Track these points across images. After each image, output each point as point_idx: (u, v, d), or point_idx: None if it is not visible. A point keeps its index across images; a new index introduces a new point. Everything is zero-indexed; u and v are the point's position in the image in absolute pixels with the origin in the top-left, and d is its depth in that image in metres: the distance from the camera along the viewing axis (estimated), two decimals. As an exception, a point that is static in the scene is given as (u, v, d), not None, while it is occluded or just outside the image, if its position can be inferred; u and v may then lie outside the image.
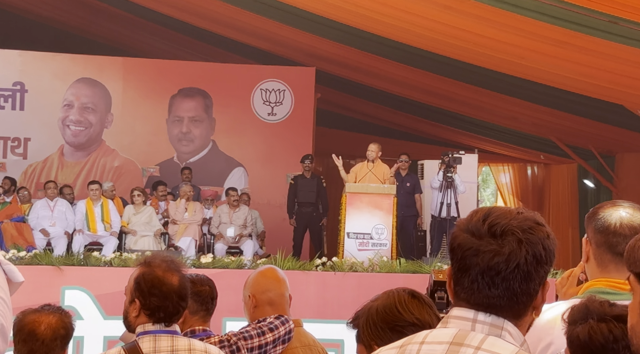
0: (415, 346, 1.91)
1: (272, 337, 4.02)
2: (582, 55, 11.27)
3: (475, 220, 1.91)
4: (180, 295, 3.48)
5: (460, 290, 1.91)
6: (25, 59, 16.87)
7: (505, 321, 1.88)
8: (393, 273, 11.74)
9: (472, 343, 1.84)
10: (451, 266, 1.95)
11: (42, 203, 13.81)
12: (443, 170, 13.40)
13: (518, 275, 1.86)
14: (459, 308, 1.92)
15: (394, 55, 14.01)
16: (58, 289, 10.86)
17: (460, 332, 1.88)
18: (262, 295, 4.19)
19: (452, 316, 1.92)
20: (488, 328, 1.87)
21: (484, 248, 1.87)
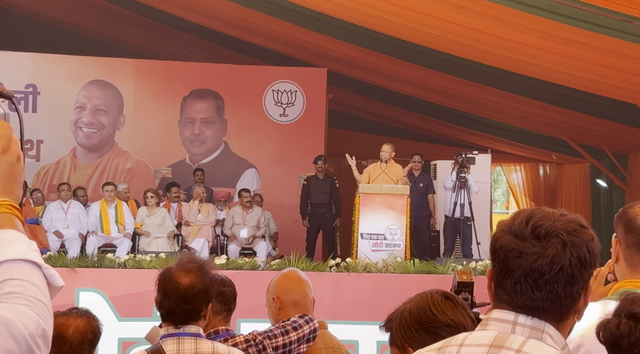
0: (454, 348, 1.90)
1: (296, 336, 4.02)
2: (595, 54, 11.24)
3: (518, 221, 1.89)
4: (182, 296, 3.48)
5: (502, 292, 1.89)
6: (37, 61, 16.91)
7: (546, 324, 1.86)
8: (407, 273, 11.72)
9: (512, 346, 1.83)
10: (492, 268, 1.93)
11: (56, 205, 13.84)
12: (456, 170, 13.38)
13: (562, 277, 1.84)
14: (499, 310, 1.90)
15: (405, 56, 14.00)
16: (72, 291, 10.87)
17: (500, 334, 1.86)
18: (286, 296, 4.20)
19: (492, 318, 1.90)
20: (529, 331, 1.85)
21: (528, 250, 1.85)
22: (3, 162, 1.62)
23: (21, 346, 1.47)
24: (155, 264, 11.42)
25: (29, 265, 1.57)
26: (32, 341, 1.48)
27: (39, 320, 1.51)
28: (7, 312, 1.47)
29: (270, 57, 17.09)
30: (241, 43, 16.52)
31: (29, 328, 1.48)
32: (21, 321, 1.48)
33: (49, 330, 1.52)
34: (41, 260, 1.60)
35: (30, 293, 1.53)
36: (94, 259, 11.99)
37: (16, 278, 1.54)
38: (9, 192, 1.63)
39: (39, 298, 1.54)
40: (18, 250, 1.57)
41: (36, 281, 1.56)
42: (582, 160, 18.68)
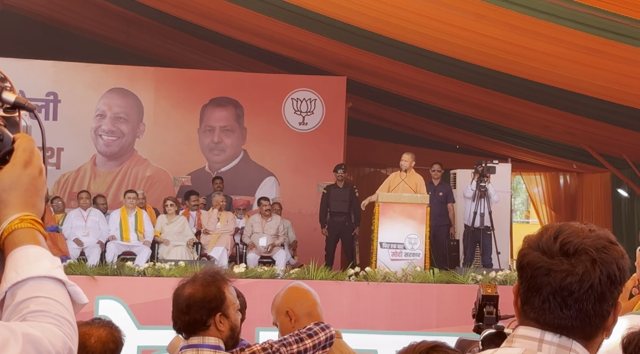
0: None
1: (311, 343, 4.00)
2: (617, 63, 11.18)
3: (546, 237, 1.85)
4: (181, 307, 3.51)
5: (530, 310, 1.86)
6: (58, 69, 16.99)
7: (573, 342, 1.83)
8: (426, 283, 11.68)
9: None
10: (519, 284, 1.89)
11: (76, 213, 13.89)
12: (476, 180, 13.33)
13: (592, 295, 1.80)
14: (526, 327, 1.87)
15: (426, 64, 13.97)
16: (92, 299, 10.89)
17: (527, 352, 1.83)
18: (299, 308, 4.21)
19: (518, 335, 1.87)
20: (556, 349, 1.82)
21: (556, 267, 1.81)
22: (25, 175, 1.61)
23: None
24: (175, 272, 11.42)
25: (54, 282, 1.57)
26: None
27: (66, 339, 1.50)
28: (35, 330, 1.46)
29: (290, 66, 17.10)
30: (261, 51, 16.53)
31: (56, 347, 1.47)
32: (49, 340, 1.47)
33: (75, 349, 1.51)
34: (65, 277, 1.59)
35: (56, 312, 1.52)
36: (114, 267, 12.01)
37: (42, 296, 1.53)
38: (31, 206, 1.62)
39: (65, 317, 1.53)
40: (43, 266, 1.56)
41: (61, 299, 1.55)
42: (603, 170, 18.57)
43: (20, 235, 1.58)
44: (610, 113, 14.07)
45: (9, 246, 1.58)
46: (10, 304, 1.52)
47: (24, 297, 1.52)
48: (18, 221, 1.59)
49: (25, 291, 1.53)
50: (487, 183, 13.28)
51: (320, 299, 4.39)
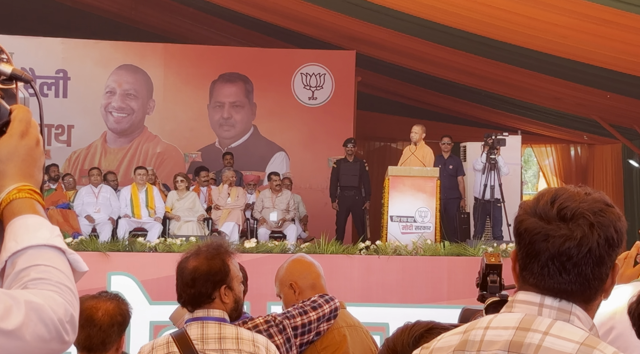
0: (480, 331, 1.87)
1: (315, 315, 4.02)
2: (628, 33, 11.12)
3: (542, 203, 1.85)
4: (186, 280, 3.52)
5: (529, 276, 1.86)
6: (67, 46, 17.00)
7: (573, 306, 1.83)
8: (437, 256, 11.68)
9: (539, 328, 1.80)
10: (517, 250, 1.90)
11: (87, 189, 13.93)
12: (486, 152, 13.29)
13: (590, 259, 1.80)
14: (525, 292, 1.87)
15: (434, 37, 13.92)
16: (104, 275, 10.94)
17: (527, 317, 1.83)
18: (303, 280, 4.24)
19: (518, 300, 1.88)
20: (556, 313, 1.83)
21: (554, 232, 1.81)
22: (22, 146, 1.62)
23: (51, 332, 1.47)
24: (186, 248, 11.41)
25: (54, 250, 1.58)
26: (61, 326, 1.49)
27: (67, 306, 1.51)
28: (37, 298, 1.48)
29: (299, 40, 17.06)
30: (270, 26, 16.49)
31: (58, 314, 1.49)
32: (50, 307, 1.48)
33: (76, 316, 1.53)
34: (65, 245, 1.60)
35: (56, 279, 1.53)
36: (125, 243, 12.06)
37: (42, 264, 1.54)
38: (29, 177, 1.63)
39: (65, 284, 1.54)
40: (42, 235, 1.57)
41: (61, 266, 1.57)
42: (614, 141, 18.51)
43: (18, 205, 1.59)
44: (621, 83, 14.01)
45: (8, 216, 1.59)
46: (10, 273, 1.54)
47: (24, 265, 1.54)
48: (16, 191, 1.60)
49: (25, 259, 1.54)
50: (497, 155, 13.24)
51: (330, 273, 4.41)
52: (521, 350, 1.80)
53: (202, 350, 3.44)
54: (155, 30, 18.50)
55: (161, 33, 18.41)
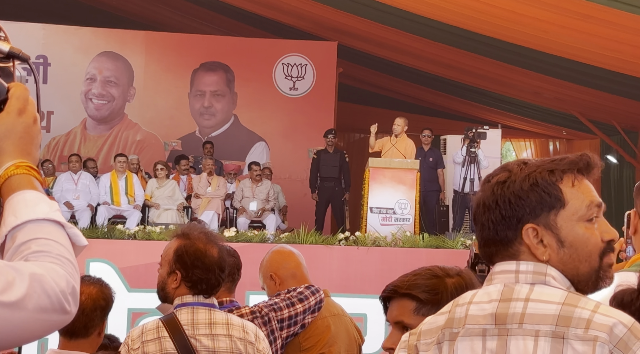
0: (463, 307, 1.90)
1: (302, 307, 4.05)
2: (608, 29, 11.18)
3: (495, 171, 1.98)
4: (220, 266, 3.50)
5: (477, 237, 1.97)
6: (48, 32, 16.91)
7: (547, 267, 1.86)
8: (416, 248, 11.73)
9: (520, 296, 1.84)
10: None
11: (66, 176, 13.88)
12: (467, 145, 13.34)
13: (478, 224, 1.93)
14: (501, 263, 1.91)
15: (416, 30, 13.95)
16: (83, 261, 10.91)
17: (507, 287, 1.87)
18: (283, 271, 4.28)
19: (495, 272, 1.91)
20: (531, 277, 1.86)
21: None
22: (19, 123, 1.63)
23: (53, 303, 1.49)
24: (165, 236, 11.45)
25: (53, 224, 1.59)
26: (63, 297, 1.50)
27: (68, 277, 1.52)
28: (39, 269, 1.49)
29: (281, 31, 17.05)
30: (252, 16, 16.47)
31: (60, 285, 1.50)
32: (52, 278, 1.50)
33: (77, 288, 1.54)
34: (64, 220, 1.61)
35: (57, 252, 1.55)
36: (104, 230, 12.04)
37: (42, 238, 1.55)
38: (26, 154, 1.64)
39: (66, 256, 1.56)
40: (41, 209, 1.59)
41: (61, 240, 1.58)
42: (593, 136, 18.62)
43: (16, 181, 1.61)
44: (600, 79, 14.09)
45: (6, 192, 1.60)
46: (10, 247, 1.55)
47: (24, 239, 1.55)
48: (14, 167, 1.61)
49: (25, 233, 1.56)
50: (477, 148, 13.29)
51: (309, 264, 4.43)
52: (506, 321, 1.83)
53: (193, 335, 3.44)
54: (136, 17, 18.42)
55: (143, 21, 18.33)
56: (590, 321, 1.77)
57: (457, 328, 1.89)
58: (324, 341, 4.20)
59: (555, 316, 1.79)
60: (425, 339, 1.94)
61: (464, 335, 1.87)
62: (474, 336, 1.86)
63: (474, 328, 1.86)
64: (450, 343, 1.89)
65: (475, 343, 1.86)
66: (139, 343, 3.46)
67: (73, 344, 3.53)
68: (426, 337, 1.94)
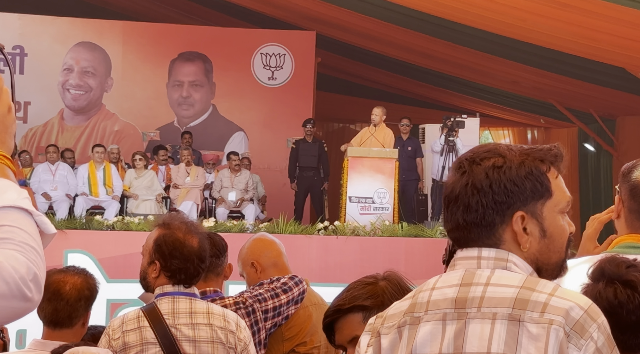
0: (426, 293, 1.92)
1: (286, 299, 4.06)
2: (583, 17, 11.22)
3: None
4: (200, 257, 3.50)
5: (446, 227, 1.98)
6: (24, 22, 16.80)
7: (510, 254, 1.88)
8: (395, 237, 11.77)
9: (480, 281, 1.86)
10: None
11: (44, 167, 13.81)
12: (445, 134, 13.37)
13: (461, 205, 1.91)
14: (462, 249, 1.93)
15: (394, 19, 13.95)
16: (61, 252, 10.89)
17: (468, 272, 1.89)
18: (265, 259, 4.26)
19: (458, 258, 1.93)
20: (493, 262, 1.88)
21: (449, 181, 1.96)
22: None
23: (12, 289, 1.48)
24: (144, 226, 11.43)
25: (20, 211, 1.58)
26: (22, 284, 1.49)
27: (30, 264, 1.51)
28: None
29: (259, 20, 17.01)
30: (230, 5, 16.42)
31: (19, 272, 1.49)
32: (11, 265, 1.49)
33: (41, 275, 1.53)
34: (32, 207, 1.60)
35: (20, 239, 1.54)
36: (82, 221, 12.00)
37: (6, 225, 1.55)
38: (0, 143, 1.63)
39: (30, 244, 1.55)
40: (9, 197, 1.58)
41: (27, 227, 1.57)
42: (570, 125, 18.71)
43: None
44: (578, 68, 14.15)
45: None
46: None
47: None
48: None
49: None
50: (456, 137, 13.32)
51: (288, 253, 4.43)
52: (466, 305, 1.85)
53: (173, 325, 3.44)
54: (114, 7, 18.33)
55: (120, 10, 18.24)
56: (547, 304, 1.78)
57: (418, 312, 1.91)
58: (306, 330, 4.21)
59: (513, 299, 1.81)
60: (388, 323, 1.96)
61: (426, 321, 1.88)
62: (434, 320, 1.88)
63: (435, 313, 1.88)
64: (412, 327, 1.90)
65: (435, 327, 1.87)
66: (119, 333, 3.46)
67: (57, 334, 3.53)
68: (389, 321, 1.96)
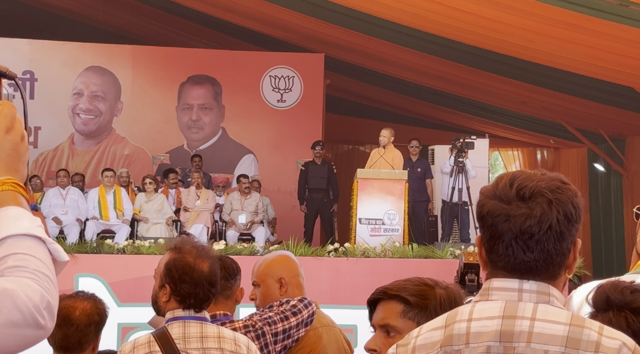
0: (463, 324, 1.88)
1: (295, 321, 4.03)
2: (592, 38, 11.23)
3: (501, 185, 1.90)
4: (210, 281, 3.49)
5: (496, 258, 1.89)
6: (34, 47, 16.89)
7: (550, 287, 1.87)
8: (405, 258, 11.74)
9: (525, 314, 1.83)
10: (482, 235, 1.93)
11: (54, 191, 13.84)
12: (454, 155, 13.37)
13: (551, 236, 1.85)
14: (499, 278, 1.90)
15: (402, 41, 13.98)
16: (72, 277, 10.89)
17: (509, 304, 1.86)
18: (293, 279, 4.21)
19: (495, 287, 1.90)
20: (536, 296, 1.86)
21: (515, 212, 1.86)
22: (7, 140, 1.64)
23: (26, 318, 1.48)
24: (154, 250, 11.43)
25: (33, 239, 1.59)
26: (36, 312, 1.49)
27: (43, 292, 1.52)
28: (10, 284, 1.49)
29: (267, 43, 17.06)
30: (238, 29, 16.48)
31: (33, 300, 1.49)
32: (25, 293, 1.49)
33: (54, 303, 1.53)
34: (45, 235, 1.61)
35: (33, 267, 1.54)
36: (93, 245, 12.01)
37: (20, 253, 1.55)
38: (14, 171, 1.65)
39: (43, 272, 1.55)
40: (22, 225, 1.59)
41: (40, 255, 1.58)
42: (580, 145, 18.67)
43: (1, 197, 1.61)
44: (587, 88, 14.14)
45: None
46: None
47: (2, 254, 1.55)
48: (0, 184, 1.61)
49: (4, 249, 1.55)
50: (465, 158, 13.32)
51: (300, 273, 4.40)
52: (512, 339, 1.82)
53: (184, 349, 3.43)
54: (123, 32, 18.41)
55: (129, 35, 18.33)
56: (599, 344, 1.78)
57: (458, 345, 1.87)
58: (316, 352, 4.18)
59: (564, 337, 1.80)
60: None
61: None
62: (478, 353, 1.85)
63: (477, 346, 1.85)
64: None
65: None
66: None
67: (67, 359, 3.53)
68: (420, 352, 1.92)
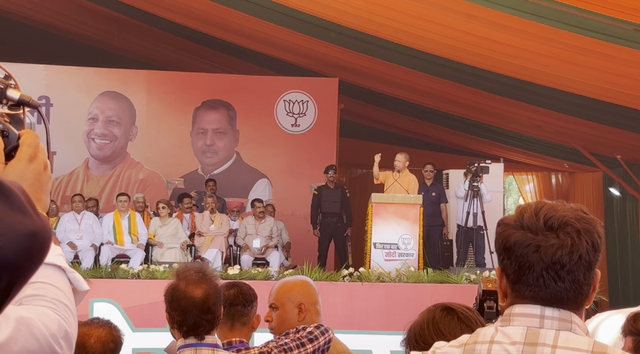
0: (485, 345, 1.88)
1: (312, 348, 4.00)
2: (606, 62, 11.24)
3: (527, 216, 1.89)
4: (201, 307, 3.47)
5: (525, 288, 1.88)
6: (50, 73, 16.99)
7: (572, 315, 1.87)
8: (420, 283, 11.71)
9: (547, 341, 1.84)
10: (505, 265, 1.92)
11: (69, 216, 13.87)
12: (469, 179, 13.35)
13: (581, 265, 1.86)
14: (522, 305, 1.89)
15: (417, 65, 14.01)
16: (87, 302, 10.89)
17: (531, 330, 1.86)
18: (312, 306, 4.18)
19: (516, 313, 1.90)
20: (558, 323, 1.86)
21: (545, 242, 1.85)
22: (30, 170, 1.64)
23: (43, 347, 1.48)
24: (169, 274, 11.42)
25: (53, 268, 1.59)
26: (54, 341, 1.49)
27: (61, 321, 1.52)
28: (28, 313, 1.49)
29: (282, 67, 17.13)
30: (252, 53, 16.56)
31: (50, 329, 1.49)
32: (42, 322, 1.49)
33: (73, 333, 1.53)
34: (65, 264, 1.61)
35: (52, 296, 1.55)
36: (108, 270, 12.03)
37: (39, 282, 1.55)
38: (37, 200, 1.65)
39: (62, 301, 1.55)
40: None
41: (59, 284, 1.58)
42: (595, 169, 18.62)
43: None
44: (601, 112, 14.12)
45: None
46: None
47: None
48: None
49: None
50: (480, 183, 13.30)
51: (314, 299, 4.39)
52: None
53: None
54: (137, 57, 18.52)
55: (144, 60, 18.43)
56: None
57: None
58: (332, 378, 4.16)
59: None
60: None
61: None
62: None
63: None
64: None
65: None
66: None
67: (83, 387, 3.53)
68: None
